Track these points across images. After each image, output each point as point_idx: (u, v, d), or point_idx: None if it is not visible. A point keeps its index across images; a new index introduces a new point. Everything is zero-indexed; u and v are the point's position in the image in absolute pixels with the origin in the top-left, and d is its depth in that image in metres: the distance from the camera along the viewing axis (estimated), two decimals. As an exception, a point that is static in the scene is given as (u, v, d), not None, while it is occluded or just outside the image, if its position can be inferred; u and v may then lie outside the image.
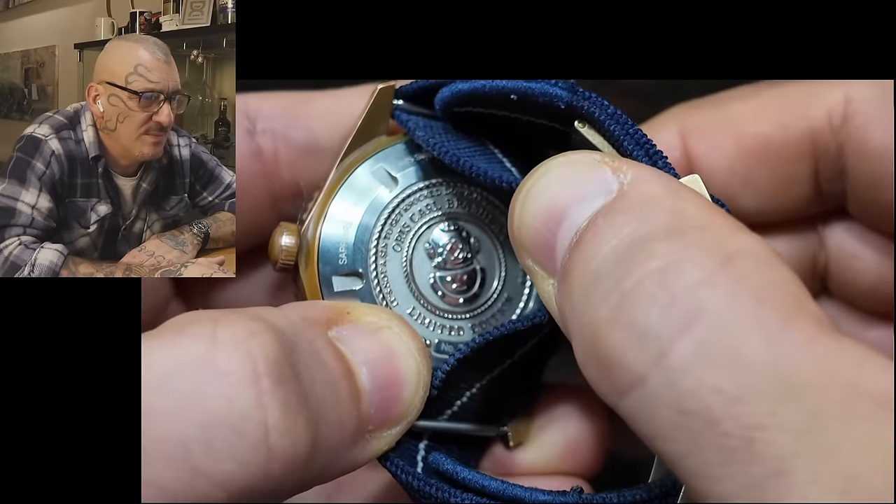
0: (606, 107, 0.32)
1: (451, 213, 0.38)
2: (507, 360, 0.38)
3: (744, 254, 0.27)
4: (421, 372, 0.34)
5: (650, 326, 0.26)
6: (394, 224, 0.37)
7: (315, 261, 0.37)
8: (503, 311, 0.39)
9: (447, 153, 0.36)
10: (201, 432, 0.28)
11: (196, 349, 0.29)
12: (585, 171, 0.30)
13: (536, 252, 0.31)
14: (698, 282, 0.26)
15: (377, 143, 0.38)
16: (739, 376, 0.25)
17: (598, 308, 0.27)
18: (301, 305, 0.34)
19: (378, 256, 0.37)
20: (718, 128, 0.40)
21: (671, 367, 0.25)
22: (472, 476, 0.35)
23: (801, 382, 0.24)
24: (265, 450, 0.29)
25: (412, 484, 0.34)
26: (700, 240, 0.27)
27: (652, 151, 0.32)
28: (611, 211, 0.29)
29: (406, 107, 0.38)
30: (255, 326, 0.30)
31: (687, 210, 0.28)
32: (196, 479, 0.28)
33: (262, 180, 0.40)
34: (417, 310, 0.37)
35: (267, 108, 0.40)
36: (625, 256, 0.27)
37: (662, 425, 0.26)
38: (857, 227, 0.40)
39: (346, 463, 0.32)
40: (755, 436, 0.24)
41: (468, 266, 0.38)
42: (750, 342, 0.25)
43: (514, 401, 0.40)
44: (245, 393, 0.29)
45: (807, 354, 0.25)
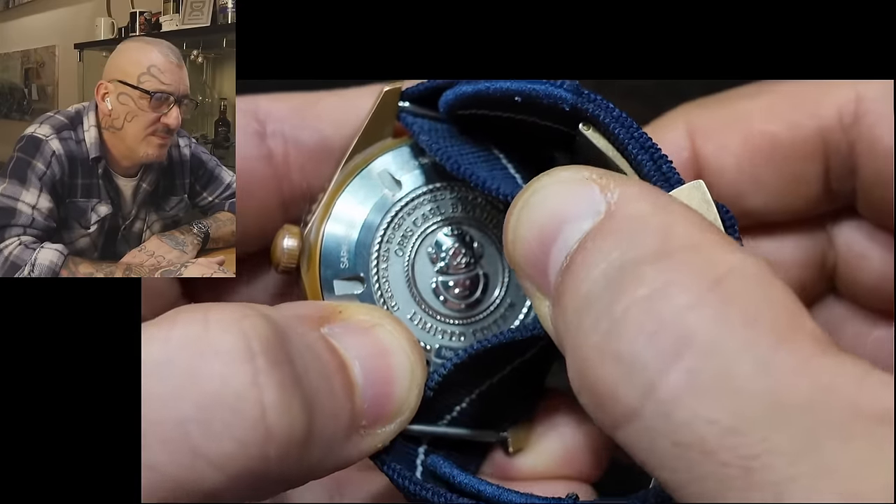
0: (611, 109, 0.32)
1: (455, 217, 0.38)
2: (507, 367, 0.38)
3: (734, 273, 0.26)
4: (414, 370, 0.34)
5: (639, 357, 0.25)
6: (396, 228, 0.37)
7: (317, 264, 0.36)
8: (505, 317, 0.38)
9: (449, 159, 0.35)
10: (199, 413, 0.28)
11: (189, 332, 0.29)
12: (574, 189, 0.29)
13: (531, 272, 0.31)
14: (686, 306, 0.25)
15: (382, 145, 0.38)
16: (732, 405, 0.24)
17: (588, 335, 0.27)
18: (293, 304, 0.34)
19: (380, 260, 0.37)
20: (727, 127, 0.39)
21: (663, 400, 0.25)
22: (469, 480, 0.34)
23: (796, 404, 0.24)
24: (263, 429, 0.28)
25: (409, 488, 0.34)
26: (689, 261, 0.26)
27: (657, 156, 0.31)
28: (599, 233, 0.28)
29: (412, 109, 0.38)
30: (247, 311, 0.30)
31: (676, 229, 0.27)
32: (195, 461, 0.28)
33: (272, 183, 0.40)
34: (418, 314, 0.37)
35: (277, 109, 0.40)
36: (614, 281, 0.27)
37: (659, 456, 0.25)
38: (865, 226, 0.40)
39: (341, 458, 0.32)
40: (752, 464, 0.24)
41: (471, 271, 0.38)
42: (741, 367, 0.24)
43: (515, 407, 0.39)
44: (241, 371, 0.28)
45: (802, 374, 0.24)
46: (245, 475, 0.28)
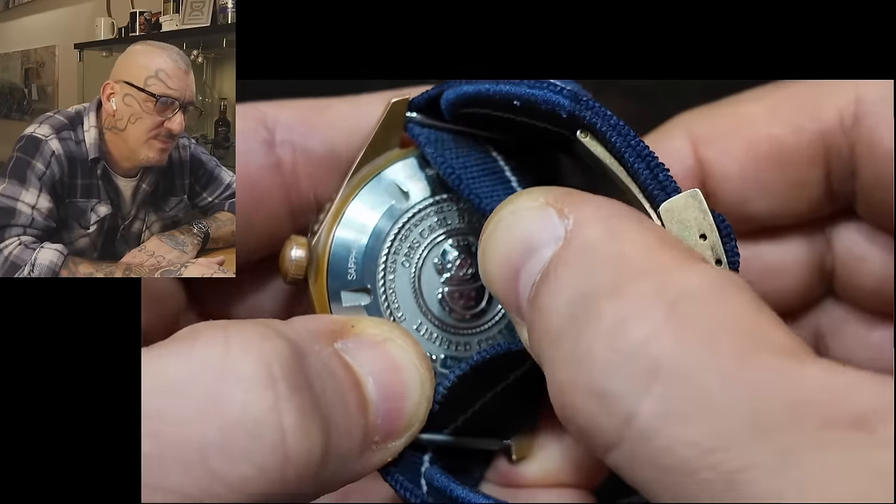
0: (609, 117, 0.32)
1: (461, 228, 0.38)
2: (510, 377, 0.38)
3: (688, 295, 0.26)
4: (424, 383, 0.34)
5: (610, 391, 0.26)
6: (404, 239, 0.37)
7: (324, 275, 0.37)
8: (510, 327, 0.38)
9: (451, 174, 0.36)
10: (219, 436, 0.28)
11: (210, 354, 0.29)
12: (534, 216, 0.30)
13: (506, 299, 0.31)
14: (646, 338, 0.26)
15: (389, 156, 0.38)
16: (708, 426, 0.25)
17: (560, 371, 0.28)
18: (306, 319, 0.34)
19: (387, 272, 0.37)
20: (729, 133, 0.39)
21: (642, 428, 0.25)
22: (466, 495, 0.34)
23: (770, 417, 0.24)
24: (282, 454, 0.29)
25: (412, 501, 0.35)
26: (642, 290, 0.27)
27: (653, 164, 0.31)
28: (559, 262, 0.29)
29: (419, 119, 0.38)
30: (267, 332, 0.30)
31: (627, 254, 0.28)
32: (213, 484, 0.28)
33: (280, 191, 0.40)
34: (425, 325, 0.37)
35: (285, 117, 0.39)
36: (575, 316, 0.27)
37: (646, 480, 0.26)
38: (864, 228, 0.40)
39: (354, 472, 0.32)
40: (735, 478, 0.24)
41: (476, 282, 0.38)
42: (711, 388, 0.25)
43: (519, 415, 0.39)
44: (262, 397, 0.29)
45: (770, 390, 0.25)
46: (262, 497, 0.29)
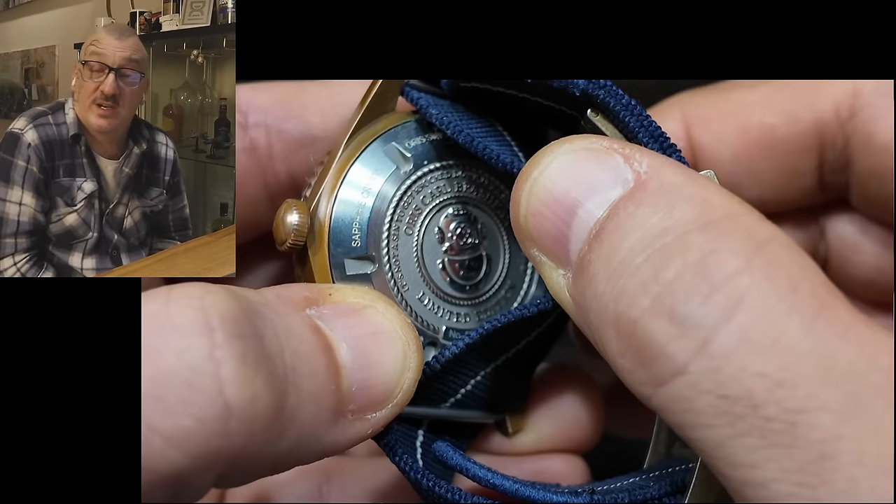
0: (622, 97, 0.32)
1: (461, 196, 0.37)
2: (511, 349, 0.38)
3: (774, 241, 0.27)
4: (407, 353, 0.32)
5: (692, 316, 0.26)
6: (406, 206, 0.36)
7: (326, 242, 0.35)
8: (507, 298, 0.38)
9: (461, 133, 0.35)
10: (154, 388, 0.27)
11: (150, 309, 0.28)
12: (596, 158, 0.30)
13: (545, 243, 0.30)
14: (737, 270, 0.26)
15: (387, 120, 0.37)
16: (782, 361, 0.25)
17: (636, 299, 0.27)
18: (279, 286, 0.32)
19: (391, 239, 0.36)
20: (724, 118, 0.39)
21: (714, 355, 0.26)
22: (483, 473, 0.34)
23: (841, 367, 0.25)
24: (220, 404, 0.27)
25: (421, 482, 0.34)
26: (731, 229, 0.27)
27: (666, 144, 0.31)
28: (632, 201, 0.29)
29: (415, 83, 0.37)
30: (211, 287, 0.29)
31: (712, 199, 0.28)
32: (152, 438, 0.27)
33: (256, 174, 0.39)
34: (427, 295, 0.36)
35: (259, 100, 0.39)
36: (657, 247, 0.27)
37: (702, 412, 0.26)
38: (857, 218, 0.40)
39: (328, 444, 0.31)
40: (798, 419, 0.24)
41: (475, 252, 0.37)
42: (790, 328, 0.25)
43: (516, 389, 0.39)
44: (197, 345, 0.27)
45: (843, 340, 0.25)
46: (207, 454, 0.27)
